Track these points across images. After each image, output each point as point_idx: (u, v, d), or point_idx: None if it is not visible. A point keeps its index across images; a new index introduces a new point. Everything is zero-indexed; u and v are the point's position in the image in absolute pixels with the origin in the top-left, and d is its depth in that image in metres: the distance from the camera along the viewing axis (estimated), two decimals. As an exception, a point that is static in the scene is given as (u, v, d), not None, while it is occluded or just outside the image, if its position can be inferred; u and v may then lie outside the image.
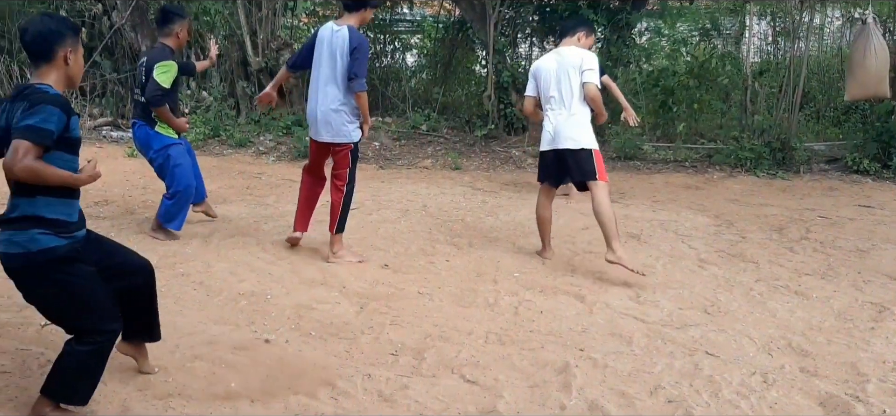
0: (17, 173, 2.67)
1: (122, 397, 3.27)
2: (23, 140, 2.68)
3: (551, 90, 5.29)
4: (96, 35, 11.21)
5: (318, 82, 5.19)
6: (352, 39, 5.01)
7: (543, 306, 4.62)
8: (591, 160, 5.19)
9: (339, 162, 5.26)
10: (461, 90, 13.37)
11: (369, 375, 3.62)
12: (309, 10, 14.82)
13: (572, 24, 5.61)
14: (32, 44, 2.90)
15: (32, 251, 2.83)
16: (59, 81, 2.93)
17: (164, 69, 5.47)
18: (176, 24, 5.65)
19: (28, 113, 2.72)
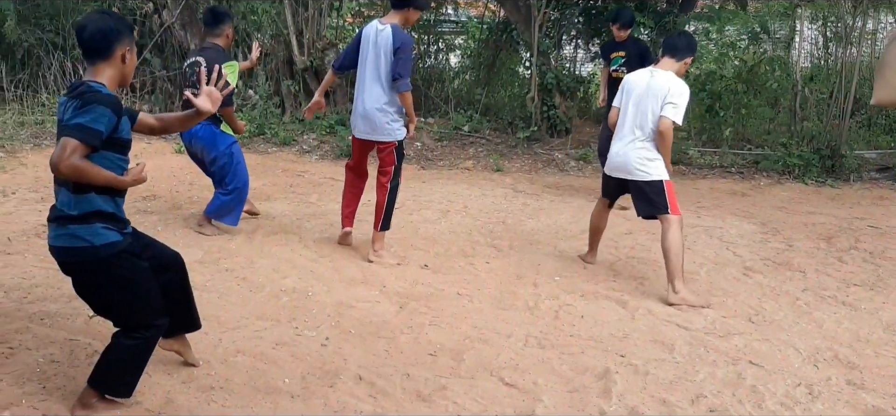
0: (62, 171, 2.70)
1: (166, 388, 3.33)
2: (71, 139, 2.70)
3: (630, 109, 4.96)
4: (146, 33, 11.42)
5: (363, 81, 5.20)
6: (396, 39, 5.00)
7: (584, 311, 4.58)
8: (663, 193, 4.86)
9: (385, 160, 5.27)
10: (504, 92, 13.34)
11: (408, 374, 3.63)
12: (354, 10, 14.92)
13: (684, 43, 5.02)
14: (91, 41, 2.89)
15: (97, 245, 2.87)
16: (113, 79, 2.95)
17: (231, 69, 5.54)
18: (226, 24, 5.74)
19: (79, 111, 2.74)
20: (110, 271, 2.93)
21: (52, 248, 2.96)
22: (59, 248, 2.92)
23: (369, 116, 5.18)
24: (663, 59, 4.97)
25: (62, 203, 2.89)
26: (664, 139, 4.80)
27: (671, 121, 4.74)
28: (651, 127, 4.84)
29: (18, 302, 4.25)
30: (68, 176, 2.73)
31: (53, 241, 2.94)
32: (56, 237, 2.92)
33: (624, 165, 4.98)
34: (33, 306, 4.20)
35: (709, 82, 10.23)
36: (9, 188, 6.86)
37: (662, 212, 4.85)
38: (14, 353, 3.59)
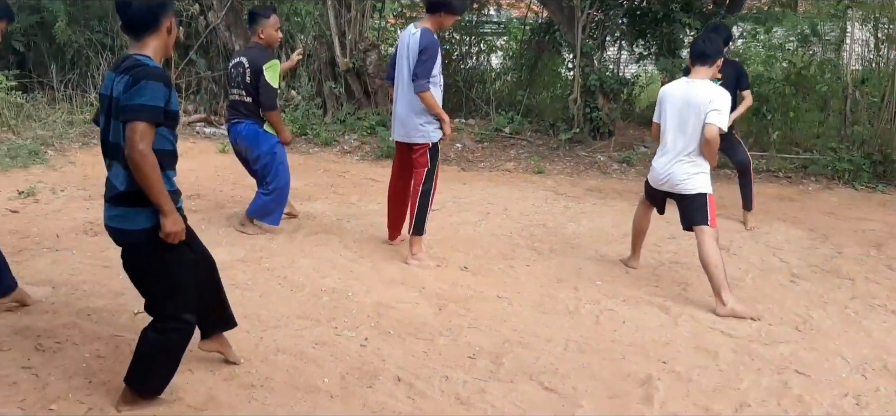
0: (136, 159, 2.73)
1: (208, 386, 3.37)
2: (138, 122, 2.73)
3: (670, 122, 4.85)
4: (192, 34, 11.61)
5: (397, 85, 5.23)
6: (421, 40, 5.00)
7: (626, 316, 4.52)
8: (705, 206, 4.77)
9: (416, 161, 5.26)
10: (546, 93, 13.26)
11: (447, 376, 3.62)
12: (396, 11, 15.00)
13: (713, 48, 4.85)
14: (138, 15, 2.89)
15: (156, 226, 2.89)
16: (158, 51, 2.96)
17: (272, 69, 5.59)
18: (259, 24, 5.75)
19: (136, 91, 2.75)
20: (163, 250, 2.94)
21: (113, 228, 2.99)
22: (120, 230, 2.96)
23: (403, 120, 5.20)
24: (695, 67, 4.85)
25: (118, 181, 2.91)
26: (710, 146, 4.69)
27: (717, 127, 4.63)
28: (693, 139, 4.74)
29: (66, 298, 4.34)
30: (138, 163, 2.74)
31: (109, 221, 2.98)
32: (111, 218, 2.96)
33: (668, 180, 4.90)
34: (80, 302, 4.28)
35: (756, 84, 10.02)
36: (58, 186, 7.02)
37: (701, 224, 4.75)
38: (62, 348, 3.66)
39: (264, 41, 5.74)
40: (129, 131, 2.73)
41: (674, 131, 4.84)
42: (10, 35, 10.46)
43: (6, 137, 8.74)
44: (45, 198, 6.66)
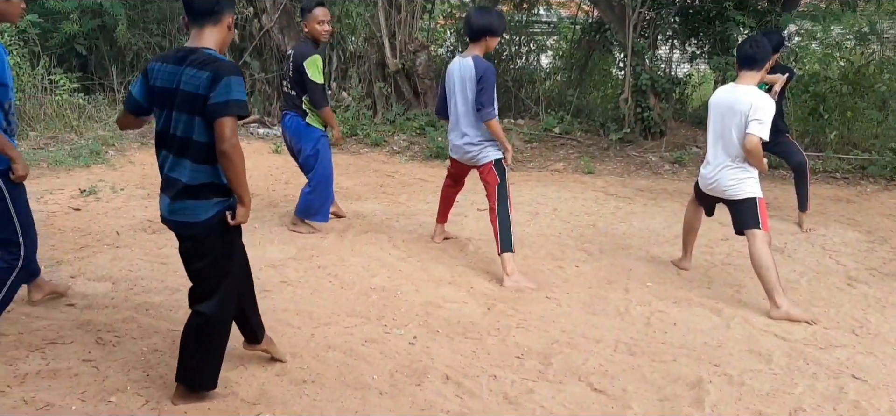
0: (229, 152, 2.80)
1: (260, 380, 3.44)
2: (229, 117, 2.79)
3: (713, 129, 4.79)
4: (247, 36, 11.83)
5: (453, 116, 5.24)
6: (477, 68, 4.98)
7: (677, 318, 4.47)
8: (755, 210, 4.68)
9: (487, 180, 5.18)
10: (596, 93, 13.15)
11: (495, 376, 3.63)
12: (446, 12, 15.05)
13: (760, 52, 4.70)
14: (203, 2, 2.91)
15: (208, 218, 2.96)
16: (219, 44, 2.99)
17: (313, 65, 5.62)
18: (304, 17, 5.80)
19: (224, 88, 2.79)
20: (226, 238, 3.04)
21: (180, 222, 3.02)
22: (178, 222, 3.01)
23: (462, 149, 5.22)
24: (741, 72, 4.73)
25: (182, 175, 2.94)
26: (752, 156, 4.59)
27: (758, 138, 4.52)
28: (737, 146, 4.65)
29: (125, 293, 4.48)
30: (231, 156, 2.81)
31: (171, 215, 3.01)
32: (174, 211, 2.99)
33: (716, 187, 4.84)
34: (139, 297, 4.41)
35: (812, 84, 9.78)
36: (118, 185, 7.23)
37: (752, 227, 4.66)
38: (121, 342, 3.78)
39: (310, 35, 5.76)
40: (220, 127, 2.78)
41: (716, 139, 4.77)
42: (74, 38, 10.81)
43: (69, 138, 9.04)
44: (106, 196, 6.86)
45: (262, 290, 4.63)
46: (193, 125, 2.87)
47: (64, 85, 9.84)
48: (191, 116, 2.86)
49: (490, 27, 5.07)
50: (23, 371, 3.40)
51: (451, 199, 5.87)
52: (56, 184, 7.16)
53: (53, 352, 3.62)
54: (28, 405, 3.12)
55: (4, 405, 3.10)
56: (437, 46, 13.94)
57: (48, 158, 8.01)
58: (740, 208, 4.75)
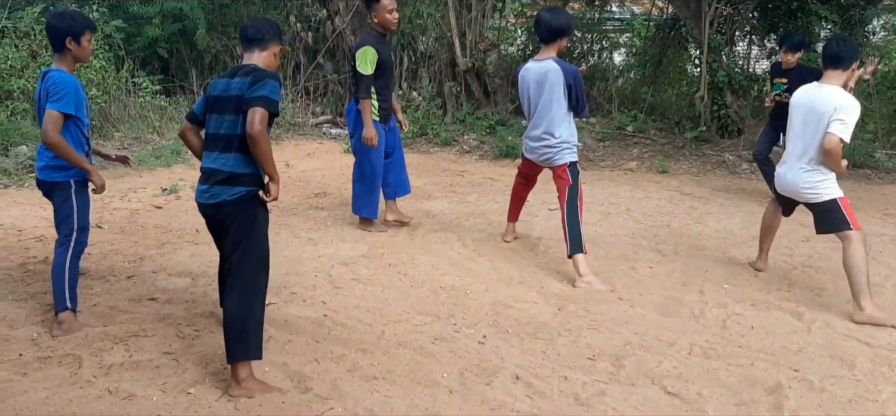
0: (256, 136, 3.15)
1: (333, 376, 3.49)
2: (260, 107, 3.16)
3: (797, 130, 4.61)
4: (320, 38, 12.04)
5: (535, 115, 5.16)
6: (566, 73, 4.96)
7: (754, 321, 4.33)
8: (839, 210, 4.49)
9: (560, 177, 5.13)
10: (671, 90, 12.89)
11: (566, 377, 3.59)
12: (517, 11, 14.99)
13: (848, 51, 4.52)
14: (254, 31, 3.45)
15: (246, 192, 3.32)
16: (264, 66, 3.42)
17: (362, 56, 5.61)
18: (372, 8, 5.73)
19: (259, 86, 3.21)
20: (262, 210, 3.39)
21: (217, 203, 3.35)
22: (216, 204, 3.34)
23: (540, 150, 5.19)
24: (827, 71, 4.55)
25: (225, 165, 3.31)
26: (831, 157, 4.41)
27: (838, 138, 4.33)
28: (817, 147, 4.47)
29: (204, 288, 4.61)
30: (260, 140, 3.17)
31: (210, 199, 3.36)
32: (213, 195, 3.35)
33: (793, 189, 4.67)
34: (216, 292, 4.52)
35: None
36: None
37: (843, 229, 4.47)
38: (199, 336, 3.90)
39: (378, 25, 5.73)
40: (250, 114, 3.16)
41: (796, 138, 4.61)
42: (155, 42, 11.20)
43: (151, 139, 9.37)
44: (186, 195, 7.08)
45: (333, 287, 4.71)
46: (238, 122, 3.28)
47: (147, 87, 10.21)
48: (236, 115, 3.28)
49: (563, 28, 5.03)
50: (108, 363, 3.54)
51: (522, 198, 5.84)
52: (139, 183, 7.43)
53: (136, 344, 3.75)
54: (112, 395, 3.25)
55: (91, 394, 3.23)
56: (507, 45, 13.89)
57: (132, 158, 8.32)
58: (823, 211, 4.57)
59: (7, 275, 4.77)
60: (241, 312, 3.28)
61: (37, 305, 4.25)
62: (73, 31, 3.87)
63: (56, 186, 3.95)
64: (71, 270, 3.92)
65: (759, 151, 7.36)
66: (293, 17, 11.83)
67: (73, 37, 3.87)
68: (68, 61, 3.93)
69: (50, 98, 3.77)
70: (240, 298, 3.30)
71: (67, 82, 3.83)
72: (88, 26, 3.99)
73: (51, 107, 3.76)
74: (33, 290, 4.51)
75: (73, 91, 3.83)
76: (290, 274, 4.88)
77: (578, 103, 5.03)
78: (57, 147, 3.79)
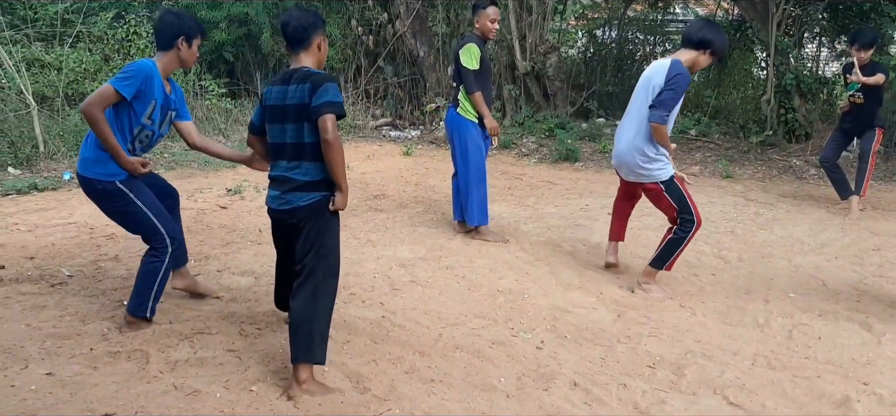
0: (331, 142, 3.18)
1: (391, 377, 3.52)
2: (330, 114, 3.18)
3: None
4: (381, 42, 12.16)
5: (625, 118, 4.79)
6: (671, 68, 4.46)
7: (822, 332, 4.21)
8: None
9: (658, 205, 4.77)
10: (736, 93, 12.60)
11: (625, 384, 3.54)
12: (578, 13, 14.86)
13: None
14: (294, 33, 3.37)
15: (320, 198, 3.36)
16: (314, 64, 3.41)
17: (467, 52, 5.58)
18: (476, 13, 5.71)
19: (321, 92, 3.20)
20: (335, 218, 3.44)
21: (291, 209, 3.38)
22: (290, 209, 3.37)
23: (621, 158, 4.74)
24: None
25: (297, 175, 3.34)
26: None
27: None
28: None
29: (266, 287, 4.70)
30: (335, 146, 3.20)
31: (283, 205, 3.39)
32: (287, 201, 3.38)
33: None
34: (278, 292, 4.61)
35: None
36: (261, 185, 7.60)
37: None
38: (261, 334, 3.97)
39: (479, 31, 5.70)
40: (322, 123, 3.18)
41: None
42: (221, 46, 11.48)
43: (217, 140, 9.60)
44: (250, 195, 7.24)
45: (391, 288, 4.75)
46: (303, 131, 3.29)
47: (213, 90, 10.47)
48: (299, 123, 3.29)
49: (713, 43, 4.54)
50: (173, 359, 3.64)
51: (623, 214, 5.26)
52: (205, 183, 7.62)
53: (201, 341, 3.85)
54: (178, 390, 3.34)
55: (157, 389, 3.33)
56: (567, 48, 13.80)
57: (198, 159, 8.54)
58: None
59: (80, 271, 4.95)
60: (307, 315, 3.32)
61: (107, 301, 4.40)
62: (188, 32, 3.87)
63: (100, 189, 3.80)
64: (161, 281, 3.91)
65: (826, 157, 7.16)
66: (354, 21, 11.98)
67: (187, 38, 3.86)
68: (169, 61, 3.88)
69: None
70: (309, 301, 3.33)
71: (139, 67, 3.73)
72: (201, 32, 3.98)
73: (109, 81, 3.70)
74: (104, 286, 4.66)
75: (143, 77, 3.71)
76: (349, 275, 4.94)
77: (661, 96, 4.44)
78: (90, 118, 3.64)
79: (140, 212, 3.86)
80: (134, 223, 3.91)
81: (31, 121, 8.13)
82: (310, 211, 3.34)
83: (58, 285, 4.66)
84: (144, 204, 3.86)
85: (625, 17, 13.86)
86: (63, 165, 7.90)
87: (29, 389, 3.27)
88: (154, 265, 3.89)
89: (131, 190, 3.83)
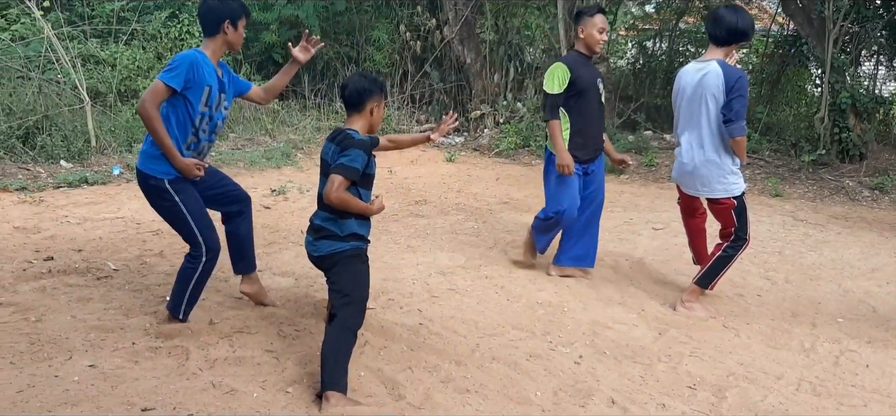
0: (333, 201, 3.32)
1: (426, 386, 3.51)
2: (337, 175, 3.32)
3: None
4: (428, 47, 12.20)
5: (686, 132, 4.61)
6: (728, 77, 4.36)
7: (870, 360, 4.08)
8: None
9: (722, 219, 4.63)
10: (788, 110, 12.35)
11: (664, 405, 3.48)
12: (628, 23, 14.72)
13: None
14: (349, 97, 3.51)
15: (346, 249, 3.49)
16: (364, 128, 3.53)
17: (551, 73, 5.01)
18: (580, 22, 5.10)
19: (342, 154, 3.37)
20: (355, 261, 3.52)
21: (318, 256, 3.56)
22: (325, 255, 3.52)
23: (696, 172, 4.57)
24: None
25: (325, 221, 3.50)
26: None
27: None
28: None
29: (306, 289, 4.73)
30: (336, 206, 3.36)
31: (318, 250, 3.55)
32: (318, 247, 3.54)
33: None
34: (318, 294, 4.64)
35: None
36: (304, 186, 7.68)
37: None
38: (299, 336, 4.00)
39: (583, 43, 5.06)
40: (329, 180, 3.34)
41: None
42: (272, 48, 11.63)
43: (263, 140, 9.73)
44: (293, 196, 7.31)
45: (430, 295, 4.74)
46: (323, 183, 3.47)
47: (262, 89, 10.60)
48: (325, 177, 3.46)
49: (744, 31, 4.44)
50: (213, 357, 3.68)
51: (696, 232, 5.01)
52: (250, 183, 7.72)
53: (240, 341, 3.89)
54: (216, 388, 3.37)
55: (196, 386, 3.37)
56: (617, 58, 13.67)
57: (245, 159, 8.66)
58: None
59: (125, 265, 5.04)
60: (334, 348, 3.37)
61: (151, 296, 4.47)
62: (233, 14, 3.86)
63: (151, 185, 3.80)
64: (195, 287, 3.94)
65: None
66: (403, 26, 12.03)
67: (232, 21, 3.86)
68: (217, 47, 3.87)
69: None
70: (336, 337, 3.39)
71: (183, 58, 3.71)
72: (246, 12, 3.95)
73: (158, 77, 3.70)
74: (148, 281, 4.74)
75: (187, 66, 3.68)
76: (388, 280, 4.95)
77: (728, 113, 4.35)
78: (145, 116, 3.64)
79: (181, 215, 3.86)
80: (176, 224, 3.93)
81: (85, 116, 8.33)
82: (335, 259, 3.50)
83: (104, 279, 4.76)
84: (187, 209, 3.85)
85: (676, 30, 13.68)
86: (113, 161, 8.07)
87: (72, 380, 3.33)
88: (189, 269, 3.92)
89: (178, 192, 3.82)
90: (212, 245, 3.93)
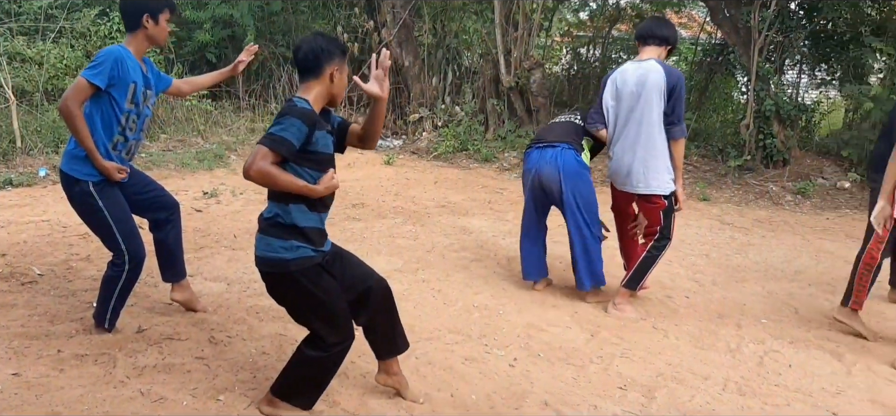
0: (251, 174, 2.77)
1: (361, 391, 3.49)
2: (261, 146, 2.79)
3: None
4: (366, 49, 12.15)
5: (623, 132, 4.64)
6: (669, 77, 4.44)
7: (793, 360, 4.23)
8: None
9: (650, 216, 4.72)
10: (715, 117, 12.72)
11: (595, 406, 3.54)
12: (563, 30, 14.94)
13: None
14: (303, 60, 2.97)
15: (287, 260, 2.96)
16: (319, 97, 2.99)
17: None
18: None
19: (275, 122, 2.85)
20: (299, 283, 3.00)
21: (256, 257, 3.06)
22: (259, 257, 3.03)
23: (632, 168, 4.60)
24: None
25: (268, 214, 3.01)
26: None
27: None
28: None
29: (238, 295, 4.65)
30: (256, 180, 2.79)
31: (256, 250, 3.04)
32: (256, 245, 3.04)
33: None
34: (251, 299, 4.57)
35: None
36: (238, 189, 7.55)
37: None
38: (231, 342, 3.93)
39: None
40: (252, 152, 2.81)
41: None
42: (205, 47, 11.40)
43: (195, 142, 9.53)
44: (226, 199, 7.18)
45: (367, 300, 4.71)
46: None
47: (194, 91, 10.38)
48: None
49: (674, 39, 4.64)
50: (141, 364, 3.59)
51: (628, 235, 5.06)
52: (181, 185, 7.55)
53: (169, 348, 3.80)
54: (144, 396, 3.29)
55: (123, 395, 3.28)
56: (552, 64, 13.86)
57: (176, 160, 8.47)
58: None
59: (51, 270, 4.87)
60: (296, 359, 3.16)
61: (77, 302, 4.33)
62: (150, 8, 3.69)
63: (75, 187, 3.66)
64: (119, 296, 3.83)
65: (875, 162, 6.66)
66: (340, 28, 11.96)
67: (152, 15, 3.69)
68: (140, 42, 3.72)
69: None
70: (295, 356, 3.16)
71: (107, 53, 3.57)
72: (168, 5, 3.75)
73: (81, 74, 3.56)
74: (74, 287, 4.60)
75: (112, 63, 3.54)
76: (324, 285, 4.90)
77: (671, 115, 4.46)
78: (67, 115, 3.50)
79: (105, 221, 3.72)
80: (98, 230, 3.78)
81: (10, 115, 8.02)
82: (266, 272, 3.04)
83: (28, 284, 4.60)
84: (111, 215, 3.71)
85: (609, 37, 13.95)
86: (39, 162, 7.79)
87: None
88: (113, 277, 3.79)
89: (102, 196, 3.69)
90: (135, 254, 3.79)
